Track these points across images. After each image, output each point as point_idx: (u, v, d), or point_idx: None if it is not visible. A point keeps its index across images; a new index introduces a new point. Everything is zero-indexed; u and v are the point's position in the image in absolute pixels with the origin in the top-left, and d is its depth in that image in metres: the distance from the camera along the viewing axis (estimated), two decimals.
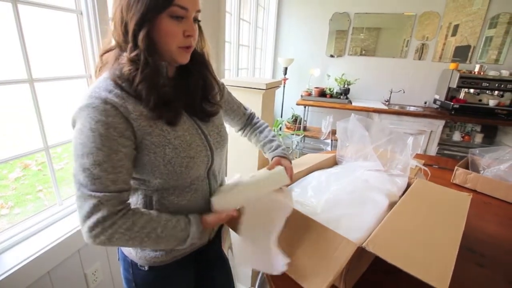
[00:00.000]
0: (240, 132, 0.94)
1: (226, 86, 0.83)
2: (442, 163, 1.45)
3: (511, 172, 1.11)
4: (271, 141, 0.86)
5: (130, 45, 0.52)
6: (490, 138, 2.93)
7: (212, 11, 1.68)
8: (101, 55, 0.58)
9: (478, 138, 2.90)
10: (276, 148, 0.83)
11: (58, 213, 1.01)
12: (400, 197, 0.77)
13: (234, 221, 0.69)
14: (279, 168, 0.69)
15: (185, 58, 0.58)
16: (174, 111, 0.58)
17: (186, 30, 0.54)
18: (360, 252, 0.55)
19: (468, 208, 0.72)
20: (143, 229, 0.53)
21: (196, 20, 0.58)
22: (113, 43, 0.56)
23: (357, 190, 0.78)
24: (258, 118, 0.95)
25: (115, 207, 0.50)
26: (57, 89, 1.21)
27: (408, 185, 0.85)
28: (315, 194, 0.79)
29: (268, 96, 1.43)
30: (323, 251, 0.55)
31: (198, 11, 0.56)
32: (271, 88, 1.40)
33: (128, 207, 0.54)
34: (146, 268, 0.67)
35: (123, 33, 0.53)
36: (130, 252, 0.67)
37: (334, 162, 1.08)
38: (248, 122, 0.92)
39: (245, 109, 0.92)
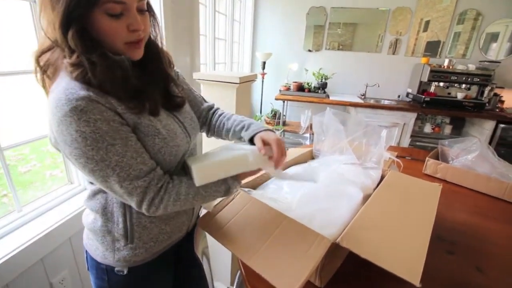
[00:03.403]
0: (204, 131, 0.82)
1: (199, 81, 0.79)
2: (414, 155, 1.49)
3: (478, 162, 1.16)
4: (241, 121, 0.73)
5: (65, 48, 0.47)
6: (458, 129, 3.09)
7: (185, 3, 1.61)
8: (37, 57, 0.51)
9: (448, 129, 3.04)
10: (248, 126, 0.70)
11: (17, 221, 0.92)
12: (375, 189, 0.77)
13: (210, 224, 0.67)
14: (243, 153, 0.61)
15: (136, 54, 0.53)
16: (152, 100, 0.55)
17: (130, 24, 0.49)
18: (335, 247, 0.54)
19: (439, 197, 0.74)
20: (188, 195, 0.56)
21: (142, 10, 0.51)
22: (49, 42, 0.50)
23: (333, 184, 0.78)
24: (222, 110, 0.82)
25: (156, 186, 0.53)
26: (9, 85, 1.11)
27: (382, 177, 0.86)
28: (290, 190, 0.77)
29: (243, 91, 1.40)
30: (297, 249, 0.53)
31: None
32: (246, 82, 1.36)
33: (167, 179, 0.56)
34: (125, 271, 0.63)
35: (53, 34, 0.47)
36: (106, 257, 0.62)
37: (310, 157, 1.07)
38: (209, 116, 0.80)
39: (204, 101, 0.81)
